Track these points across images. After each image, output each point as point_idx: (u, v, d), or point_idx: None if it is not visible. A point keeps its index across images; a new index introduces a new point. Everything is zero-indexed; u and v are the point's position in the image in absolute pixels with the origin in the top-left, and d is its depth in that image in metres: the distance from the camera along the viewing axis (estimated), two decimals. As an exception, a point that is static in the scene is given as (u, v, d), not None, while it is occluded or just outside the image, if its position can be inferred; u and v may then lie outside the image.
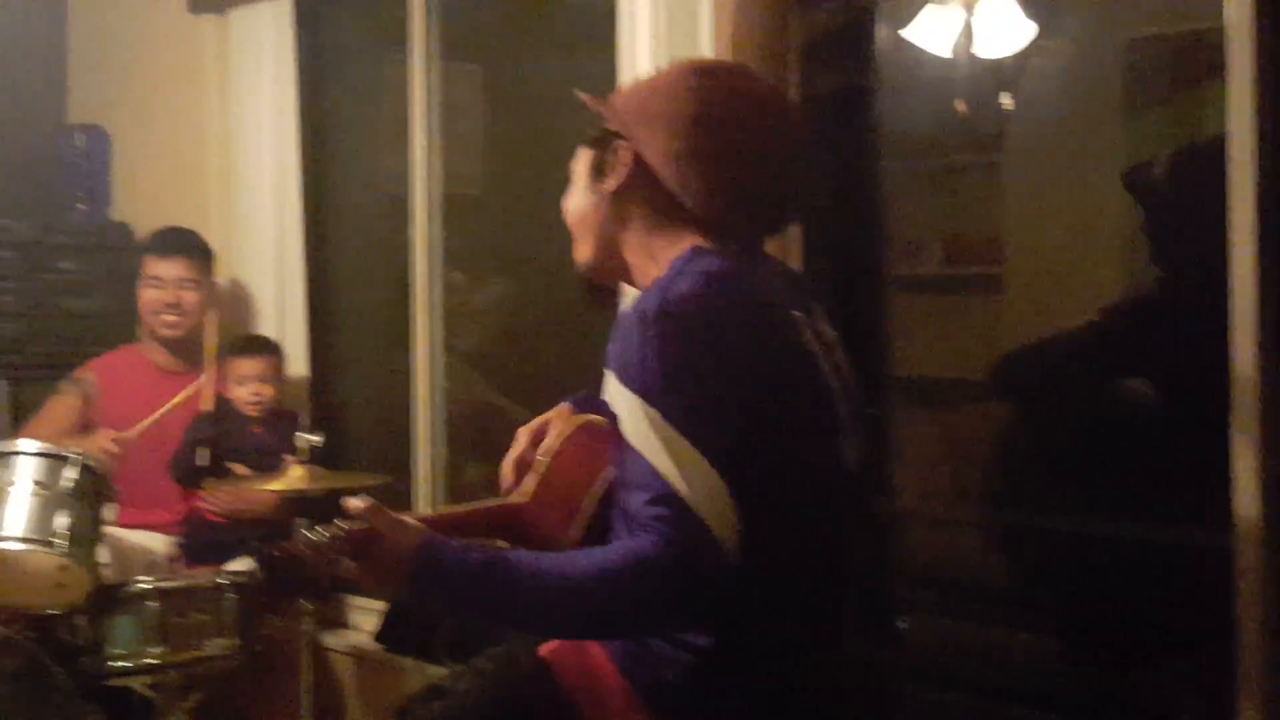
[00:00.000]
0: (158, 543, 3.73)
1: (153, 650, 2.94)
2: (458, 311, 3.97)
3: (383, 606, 3.67)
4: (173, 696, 3.05)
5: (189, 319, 3.92)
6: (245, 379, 3.75)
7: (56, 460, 2.95)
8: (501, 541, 2.00)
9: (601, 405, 1.86)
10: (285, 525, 3.41)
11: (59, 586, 2.89)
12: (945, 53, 2.81)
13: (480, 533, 1.99)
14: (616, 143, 1.96)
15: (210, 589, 3.02)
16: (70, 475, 2.92)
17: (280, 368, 3.85)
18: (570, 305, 3.70)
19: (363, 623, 3.87)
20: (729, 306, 1.81)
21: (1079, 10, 2.81)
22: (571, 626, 1.86)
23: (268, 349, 3.85)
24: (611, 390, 1.80)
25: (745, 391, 1.77)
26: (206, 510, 3.67)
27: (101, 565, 2.93)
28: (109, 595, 2.95)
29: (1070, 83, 2.77)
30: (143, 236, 4.25)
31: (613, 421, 1.79)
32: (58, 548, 2.80)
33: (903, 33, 2.84)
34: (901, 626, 2.94)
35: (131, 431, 3.52)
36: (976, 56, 2.78)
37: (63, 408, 3.86)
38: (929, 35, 2.81)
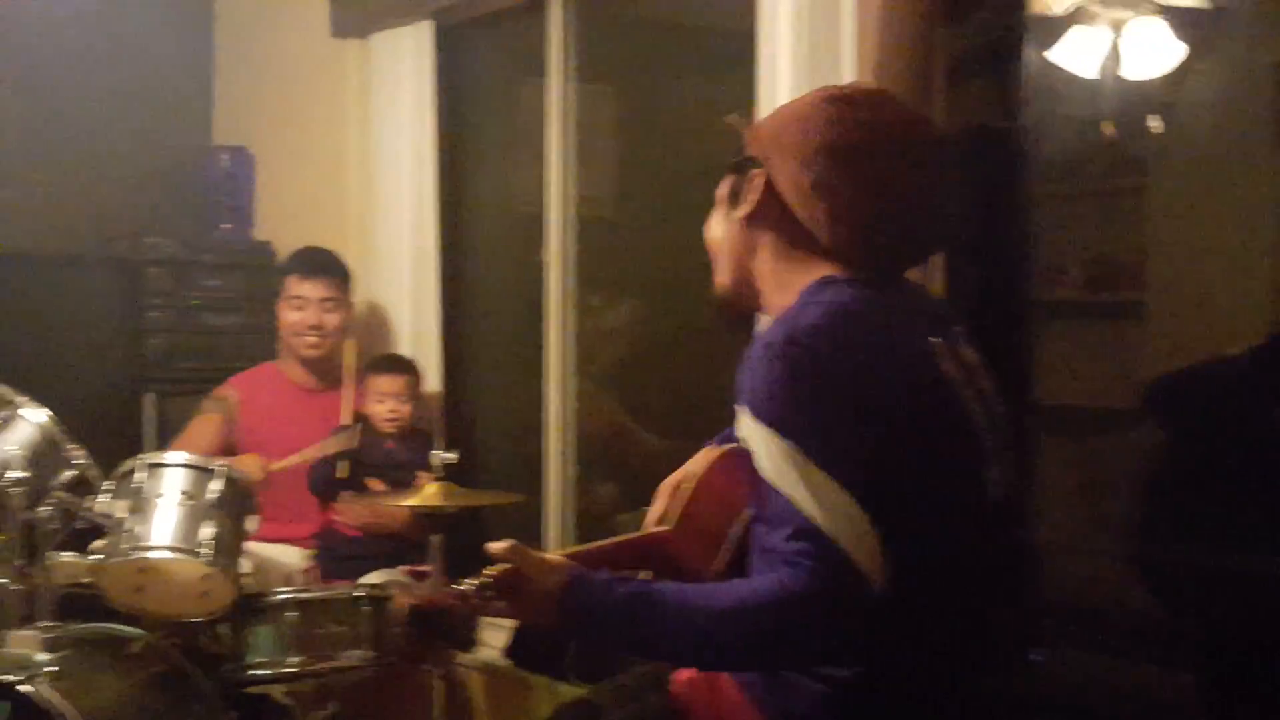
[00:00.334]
0: (294, 556, 3.81)
1: (291, 659, 2.97)
2: (590, 332, 4.00)
3: (513, 623, 3.69)
4: (309, 705, 3.10)
5: (330, 340, 3.98)
6: (384, 396, 3.81)
7: (203, 472, 3.00)
8: (645, 573, 2.00)
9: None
10: (418, 541, 3.47)
11: (203, 595, 2.94)
12: (1092, 74, 2.77)
13: (625, 565, 1.98)
14: (752, 169, 1.95)
15: (347, 601, 3.05)
16: (215, 487, 2.98)
17: (417, 386, 3.91)
18: (702, 327, 3.70)
19: (493, 639, 3.90)
20: (857, 337, 1.79)
21: (1231, 31, 2.75)
22: (716, 659, 1.86)
23: (406, 368, 3.91)
24: (745, 425, 1.78)
25: (878, 423, 1.74)
26: (342, 524, 3.73)
27: (243, 575, 2.98)
28: (250, 605, 3.00)
29: (1221, 104, 2.71)
30: (283, 255, 4.33)
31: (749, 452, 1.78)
32: (203, 557, 2.85)
33: (1049, 54, 2.80)
34: (1035, 659, 2.88)
35: (279, 464, 3.58)
36: (1124, 78, 2.74)
37: (207, 427, 3.93)
38: (1076, 57, 2.77)
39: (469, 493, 3.24)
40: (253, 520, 3.08)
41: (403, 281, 4.21)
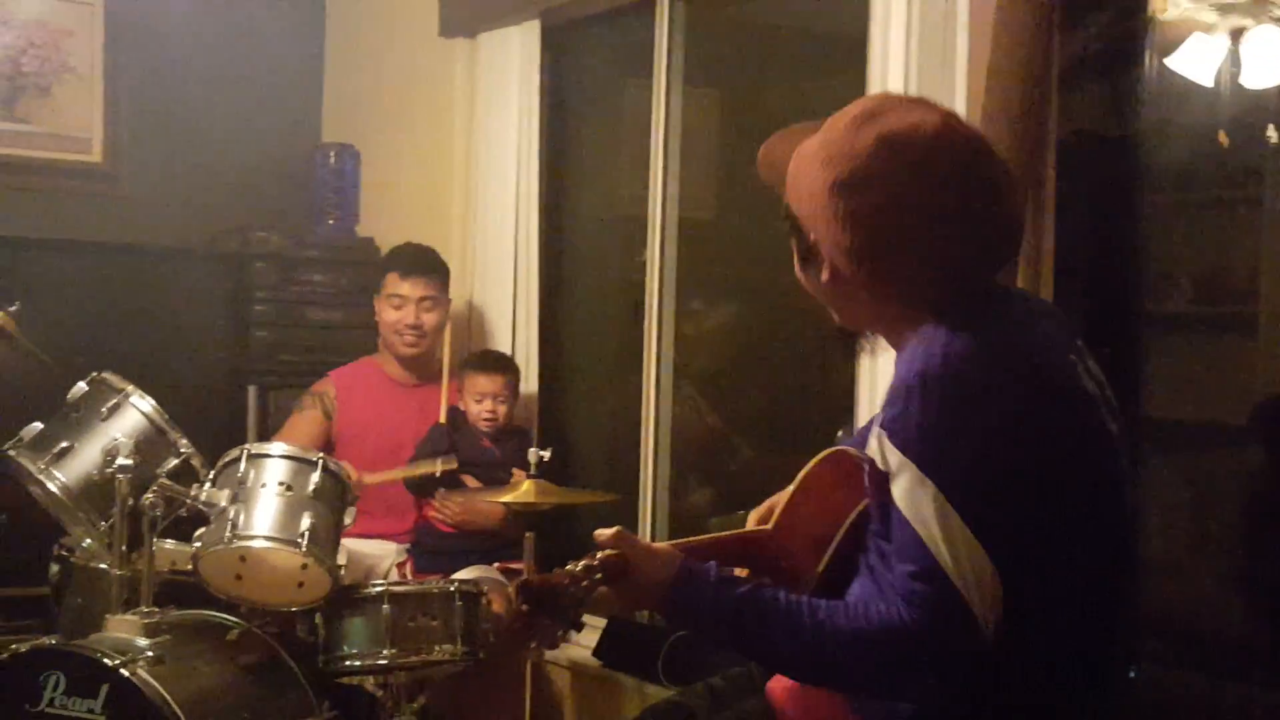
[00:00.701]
0: (388, 551, 3.85)
1: (383, 652, 3.00)
2: (689, 336, 3.98)
3: (602, 623, 3.69)
4: (400, 697, 3.12)
5: (429, 339, 3.99)
6: (482, 395, 3.82)
7: (303, 464, 3.04)
8: (741, 570, 1.98)
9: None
10: (512, 538, 3.48)
11: (300, 586, 2.98)
12: (1209, 83, 2.71)
13: (723, 562, 1.94)
14: (810, 238, 1.85)
15: (440, 595, 3.08)
16: (315, 479, 3.02)
17: (515, 385, 3.92)
18: (799, 332, 3.68)
19: (582, 638, 3.90)
20: (1002, 367, 1.72)
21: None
22: (818, 676, 1.84)
23: (505, 367, 3.92)
24: (885, 450, 1.73)
25: (1027, 467, 1.70)
26: (437, 520, 3.76)
27: (340, 567, 3.01)
28: (345, 596, 3.03)
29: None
30: (386, 252, 4.37)
31: (872, 468, 1.76)
32: (301, 547, 2.89)
33: (1168, 61, 2.74)
34: (1131, 675, 2.82)
35: (373, 477, 3.61)
36: (1243, 87, 2.67)
37: (305, 423, 3.96)
38: (1194, 64, 2.71)
39: (563, 491, 3.26)
40: (350, 513, 3.11)
41: (503, 280, 4.23)
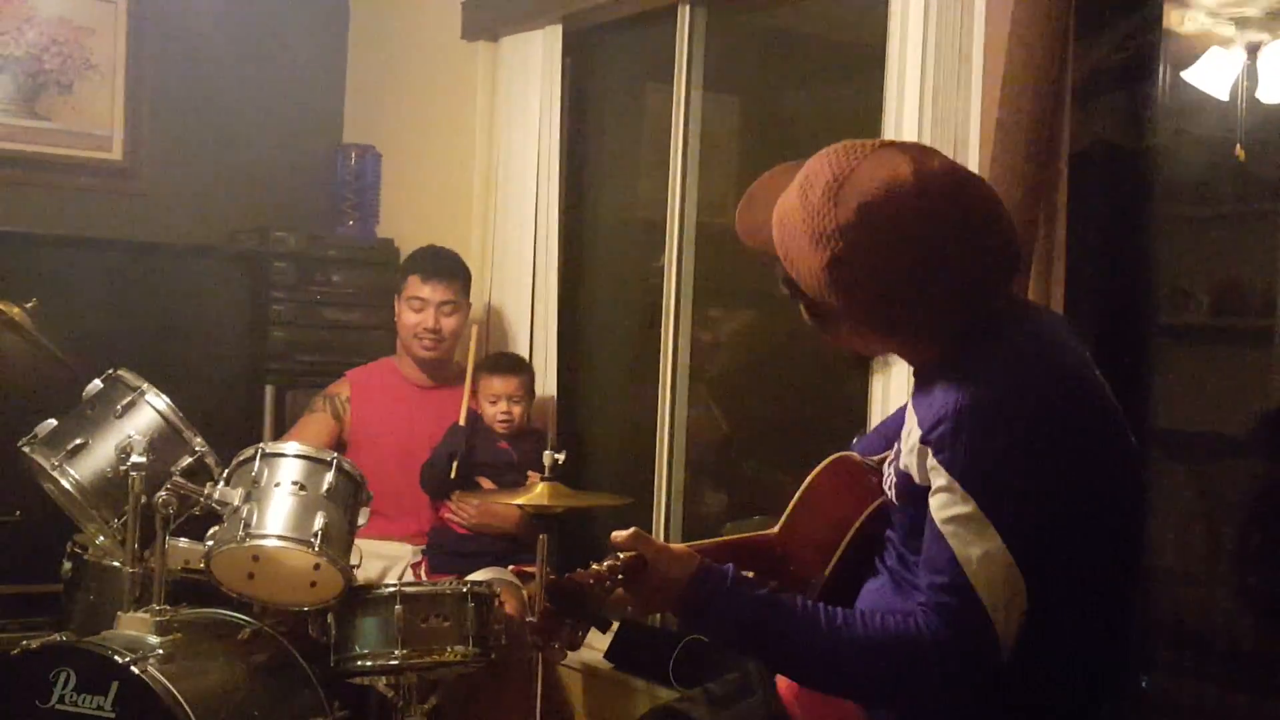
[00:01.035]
0: (404, 552, 3.86)
1: (395, 652, 3.01)
2: (706, 342, 3.99)
3: (613, 626, 3.70)
4: (411, 698, 3.13)
5: (447, 344, 4.00)
6: (497, 397, 3.83)
7: (318, 464, 3.05)
8: (748, 573, 1.99)
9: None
10: (527, 540, 3.49)
11: (313, 585, 2.99)
12: (1225, 96, 2.71)
13: (733, 564, 1.97)
14: (816, 301, 1.83)
15: (453, 597, 3.08)
16: (329, 479, 3.03)
17: (531, 387, 3.93)
18: (814, 339, 3.67)
19: (594, 640, 3.91)
20: (1055, 395, 1.73)
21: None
22: (829, 682, 1.85)
23: (521, 369, 3.93)
24: (929, 468, 1.73)
25: (1071, 485, 1.71)
26: (453, 521, 3.77)
27: (354, 566, 3.02)
28: (357, 596, 3.04)
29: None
30: (406, 253, 4.35)
31: (904, 480, 1.75)
32: (314, 547, 2.90)
33: (1184, 74, 2.74)
34: (1143, 684, 2.83)
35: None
36: (1259, 101, 2.67)
37: (317, 426, 3.97)
38: (1210, 78, 2.71)
39: (578, 494, 3.26)
40: (364, 513, 3.12)
41: (522, 283, 4.24)
